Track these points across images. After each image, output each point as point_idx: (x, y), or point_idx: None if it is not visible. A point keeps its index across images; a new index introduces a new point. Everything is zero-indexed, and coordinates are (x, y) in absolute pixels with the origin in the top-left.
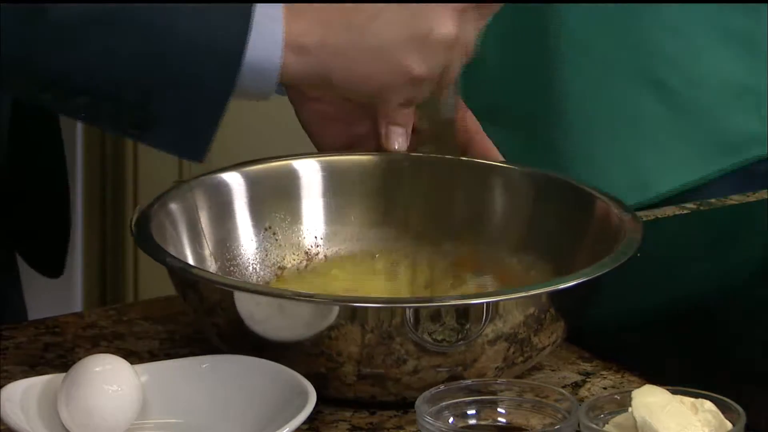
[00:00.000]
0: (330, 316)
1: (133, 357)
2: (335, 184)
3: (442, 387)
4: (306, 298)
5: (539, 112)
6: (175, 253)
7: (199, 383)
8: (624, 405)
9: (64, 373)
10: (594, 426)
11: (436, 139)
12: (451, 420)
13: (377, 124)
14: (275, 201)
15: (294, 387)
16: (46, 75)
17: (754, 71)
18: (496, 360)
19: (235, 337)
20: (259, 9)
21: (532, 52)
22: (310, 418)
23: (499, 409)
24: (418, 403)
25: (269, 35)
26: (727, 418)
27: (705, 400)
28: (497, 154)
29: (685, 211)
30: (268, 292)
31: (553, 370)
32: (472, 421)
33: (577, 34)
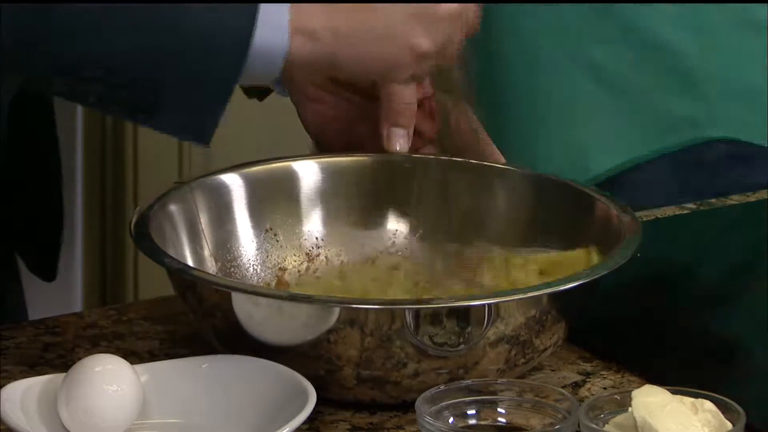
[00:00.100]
0: (329, 318)
1: (133, 357)
2: (335, 186)
3: (442, 387)
4: (304, 299)
5: (481, 94)
6: (174, 255)
7: (199, 383)
8: (624, 405)
9: (64, 373)
10: (594, 426)
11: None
12: (451, 420)
13: (379, 125)
14: (275, 202)
15: (294, 387)
16: (57, 62)
17: (691, 54)
18: (498, 362)
19: (233, 340)
20: None
21: (470, 39)
22: (310, 418)
23: (499, 409)
24: (418, 403)
25: (276, 18)
26: (727, 418)
27: (705, 400)
28: (499, 156)
29: (685, 211)
30: (266, 293)
31: (553, 370)
32: (472, 421)
33: (511, 20)
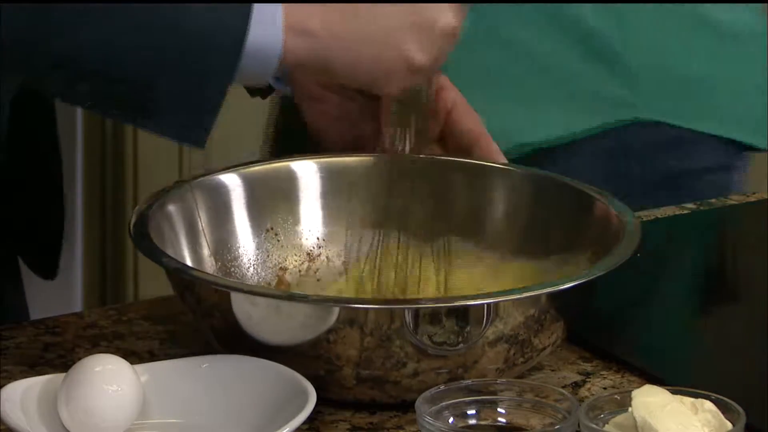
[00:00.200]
0: (328, 318)
1: (133, 357)
2: (335, 185)
3: (442, 387)
4: (302, 299)
5: None
6: (173, 255)
7: (199, 383)
8: (624, 405)
9: (64, 373)
10: (594, 426)
11: (408, 125)
12: (451, 420)
13: (380, 125)
14: (275, 202)
15: (294, 387)
16: (51, 59)
17: (615, 41)
18: (497, 361)
19: (232, 340)
20: None
21: None
22: (310, 418)
23: (499, 409)
24: (418, 403)
25: (270, 18)
26: (727, 418)
27: (705, 400)
28: (501, 156)
29: (685, 211)
30: (264, 293)
31: (553, 370)
32: (472, 421)
33: None
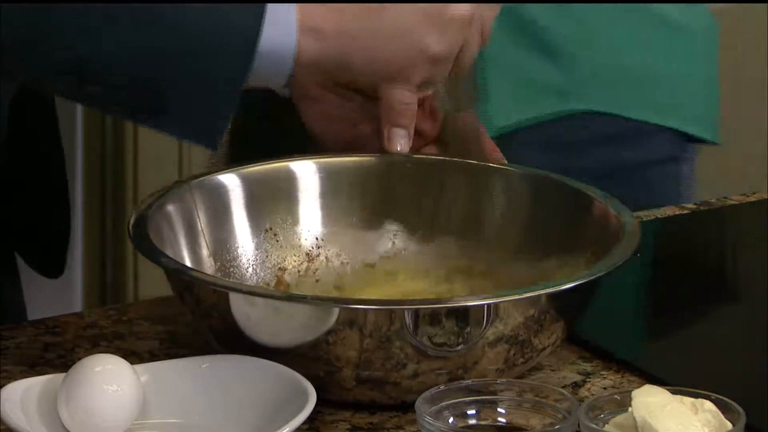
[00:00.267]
0: (327, 319)
1: (133, 357)
2: (334, 186)
3: (442, 387)
4: (301, 299)
5: None
6: (172, 255)
7: (199, 383)
8: (624, 405)
9: (64, 373)
10: (594, 426)
11: (453, 137)
12: (451, 420)
13: (379, 125)
14: (274, 202)
15: (294, 387)
16: (58, 62)
17: (557, 33)
18: (497, 362)
19: (231, 341)
20: None
21: None
22: (310, 418)
23: (499, 409)
24: (418, 403)
25: (283, 18)
26: (727, 418)
27: (705, 400)
28: (499, 155)
29: (685, 211)
30: (263, 293)
31: (553, 370)
32: (472, 421)
33: None
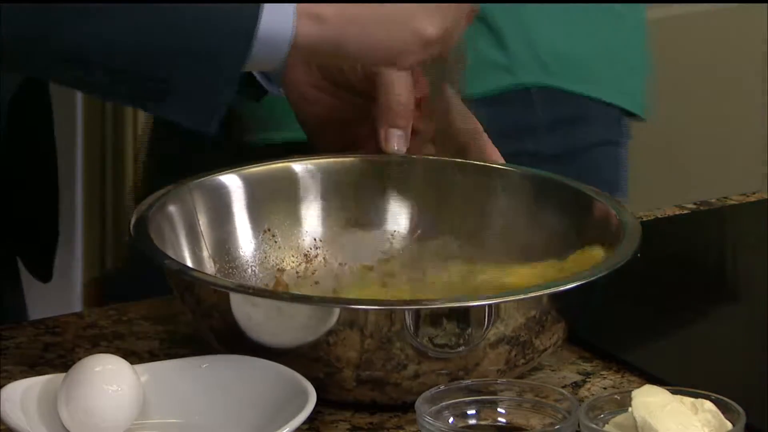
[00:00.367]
0: (328, 319)
1: (133, 357)
2: (334, 187)
3: (442, 387)
4: (303, 300)
5: None
6: (173, 256)
7: (199, 383)
8: (624, 405)
9: (64, 373)
10: (594, 426)
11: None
12: (451, 420)
13: (376, 126)
14: (274, 203)
15: (294, 387)
16: (55, 55)
17: (497, 15)
18: (498, 363)
19: (232, 341)
20: None
21: None
22: (310, 418)
23: (499, 409)
24: (418, 403)
25: (281, 2)
26: (727, 418)
27: (705, 400)
28: (498, 156)
29: (685, 211)
30: (265, 294)
31: (553, 370)
32: (472, 421)
33: None
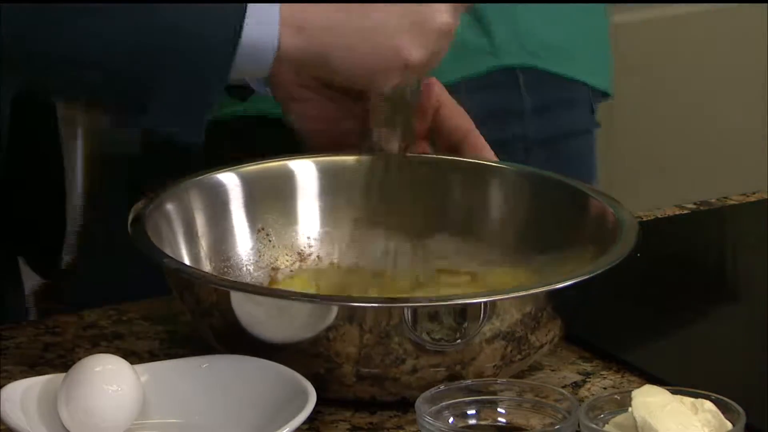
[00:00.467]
0: (327, 316)
1: (133, 357)
2: (330, 185)
3: (442, 387)
4: (303, 298)
5: None
6: (171, 254)
7: (199, 383)
8: (624, 405)
9: (64, 373)
10: (594, 426)
11: (395, 124)
12: (451, 420)
13: (363, 124)
14: (270, 201)
15: (294, 387)
16: (51, 57)
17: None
18: (494, 358)
19: (231, 339)
20: None
21: None
22: (310, 418)
23: (499, 409)
24: (418, 403)
25: (266, 12)
26: (727, 418)
27: (705, 400)
28: (490, 153)
29: (685, 211)
30: (266, 292)
31: (553, 370)
32: (472, 421)
33: None
